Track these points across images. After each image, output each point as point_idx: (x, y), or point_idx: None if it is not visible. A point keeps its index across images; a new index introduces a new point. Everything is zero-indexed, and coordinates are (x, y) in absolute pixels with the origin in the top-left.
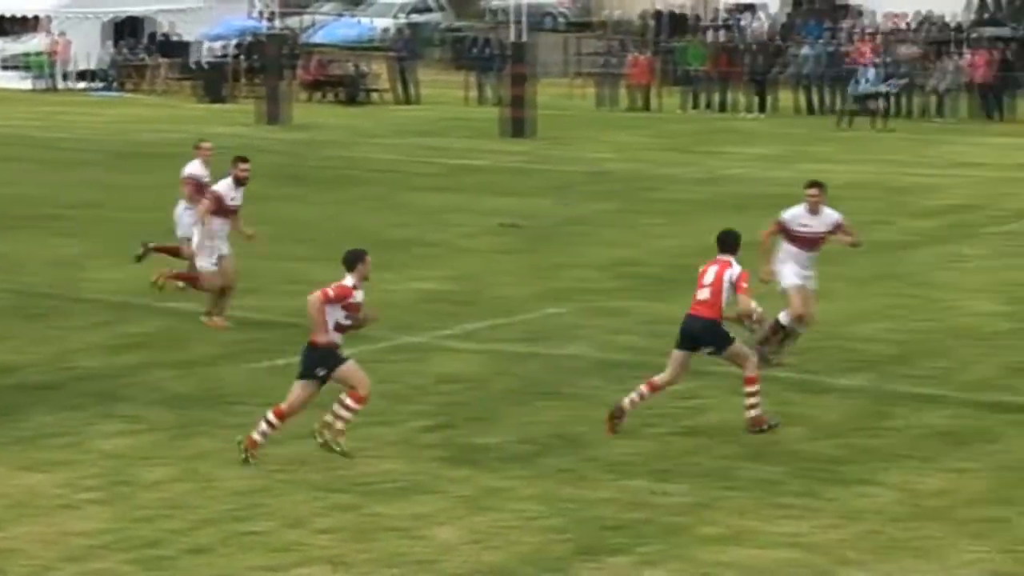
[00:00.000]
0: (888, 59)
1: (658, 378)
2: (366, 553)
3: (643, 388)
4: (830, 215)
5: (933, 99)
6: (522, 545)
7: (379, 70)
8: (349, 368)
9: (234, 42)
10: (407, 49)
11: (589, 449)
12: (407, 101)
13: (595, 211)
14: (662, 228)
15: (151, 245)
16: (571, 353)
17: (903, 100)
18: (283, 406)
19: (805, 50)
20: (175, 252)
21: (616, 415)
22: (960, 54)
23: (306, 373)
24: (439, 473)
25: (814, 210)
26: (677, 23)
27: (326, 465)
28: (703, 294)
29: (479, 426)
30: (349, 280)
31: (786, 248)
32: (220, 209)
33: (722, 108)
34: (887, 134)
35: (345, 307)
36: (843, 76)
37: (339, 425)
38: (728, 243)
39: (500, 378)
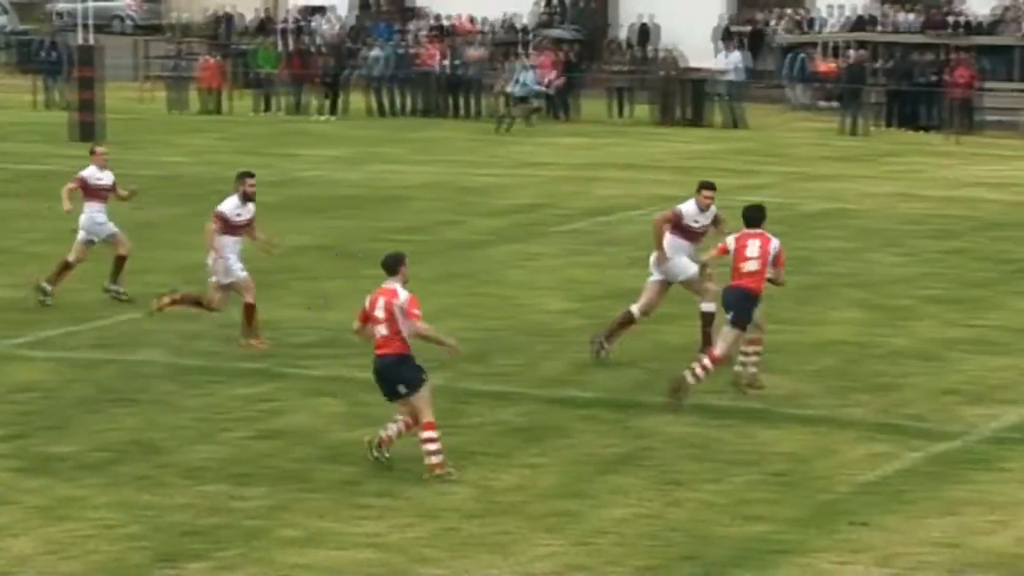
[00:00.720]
0: (456, 61)
1: (718, 351)
2: None
3: (706, 362)
4: (712, 210)
5: (501, 100)
6: (99, 554)
7: None
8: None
9: None
10: None
11: (165, 455)
12: None
13: (167, 215)
14: None
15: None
16: (145, 359)
17: (471, 101)
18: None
19: (375, 52)
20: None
21: (677, 388)
22: (527, 55)
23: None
24: (13, 484)
25: (705, 208)
26: (261, 25)
27: None
28: (751, 265)
29: (53, 435)
30: (402, 285)
31: (674, 242)
32: (228, 228)
33: (295, 111)
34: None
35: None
36: (412, 78)
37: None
38: (760, 217)
39: (74, 386)
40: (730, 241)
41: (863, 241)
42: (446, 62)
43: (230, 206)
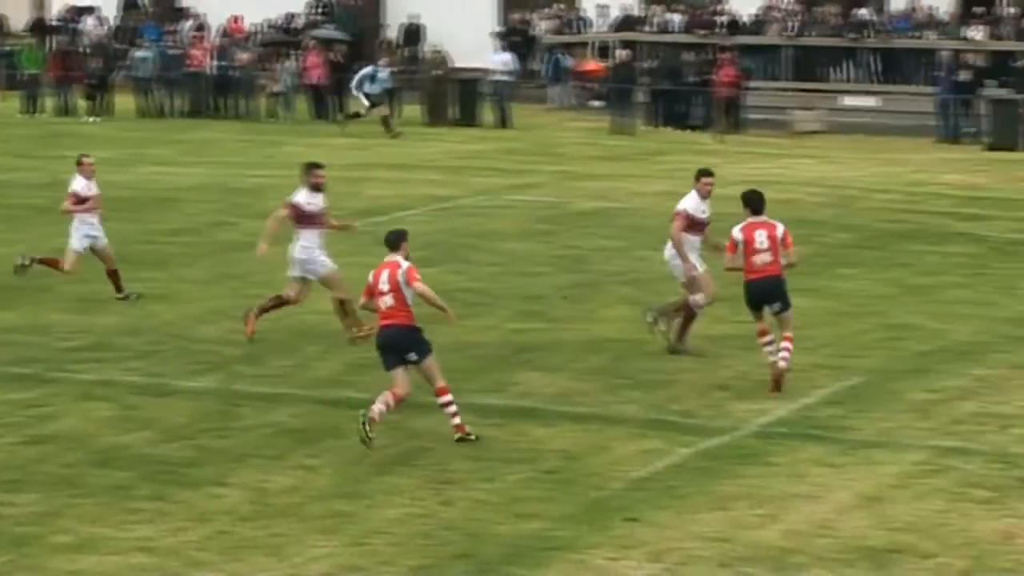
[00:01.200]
0: (224, 62)
1: (790, 332)
2: None
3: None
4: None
5: (272, 100)
6: None
7: None
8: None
9: None
10: None
11: None
12: None
13: None
14: (3, 234)
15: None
16: None
17: (241, 102)
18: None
19: (141, 53)
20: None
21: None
22: (297, 56)
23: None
24: None
25: (707, 196)
26: (36, 26)
27: None
28: (765, 257)
29: None
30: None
31: (688, 239)
32: (303, 218)
33: (63, 112)
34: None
35: None
36: (180, 79)
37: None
38: (763, 203)
39: None
40: (736, 234)
41: (633, 239)
42: (215, 63)
43: (302, 197)
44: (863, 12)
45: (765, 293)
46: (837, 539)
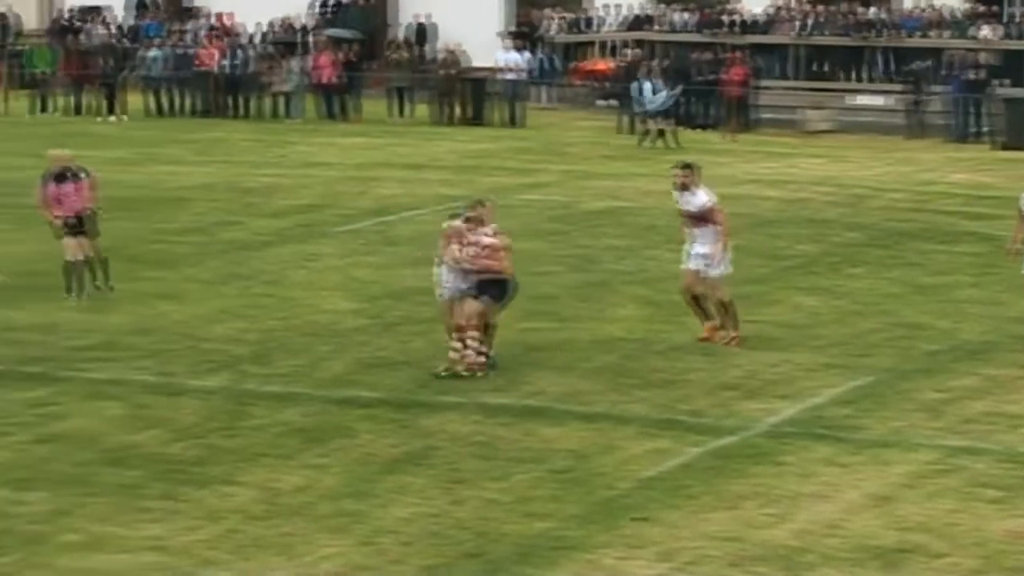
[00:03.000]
0: (236, 61)
1: None
2: None
3: None
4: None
5: (280, 100)
6: None
7: None
8: None
9: None
10: None
11: None
12: None
13: None
14: (11, 234)
15: None
16: None
17: (251, 102)
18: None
19: (153, 52)
20: None
21: None
22: (305, 55)
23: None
24: None
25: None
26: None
27: None
28: None
29: None
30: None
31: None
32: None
33: (75, 111)
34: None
35: None
36: (190, 78)
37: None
38: None
39: None
40: None
41: (643, 238)
42: (225, 62)
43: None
44: (873, 11)
45: None
46: (847, 539)
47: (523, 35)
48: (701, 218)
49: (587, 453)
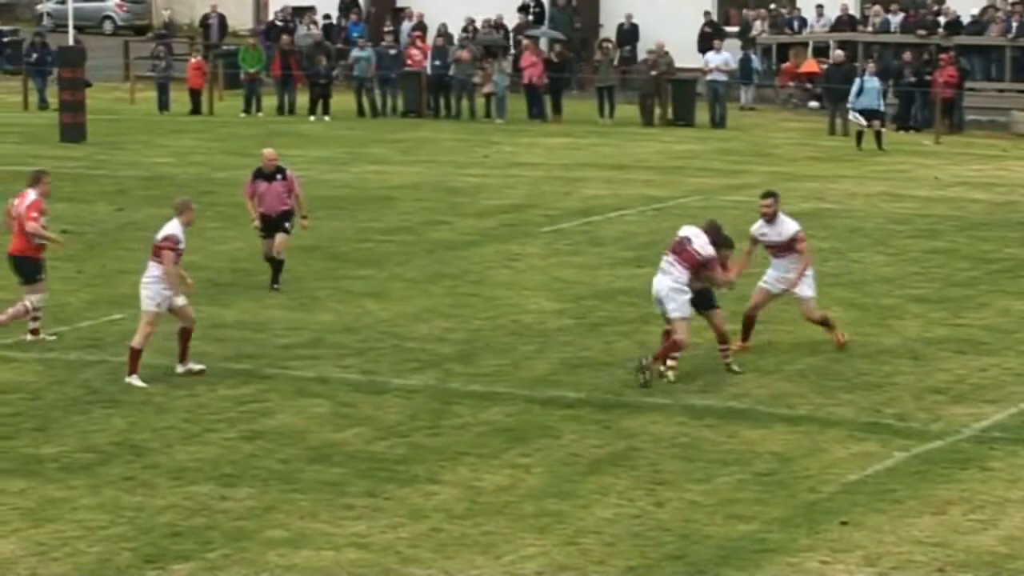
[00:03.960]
0: (439, 62)
1: None
2: None
3: None
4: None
5: (486, 100)
6: (85, 555)
7: None
8: None
9: None
10: None
11: (151, 456)
12: None
13: (153, 216)
14: (221, 232)
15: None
16: None
17: (456, 102)
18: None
19: (359, 52)
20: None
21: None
22: (513, 56)
23: None
24: None
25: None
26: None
27: None
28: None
29: (38, 436)
30: None
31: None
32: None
33: (282, 111)
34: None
35: None
36: (391, 80)
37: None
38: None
39: (59, 387)
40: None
41: (849, 241)
42: (437, 62)
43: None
44: None
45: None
46: None
47: (722, 34)
48: (786, 247)
49: (791, 456)
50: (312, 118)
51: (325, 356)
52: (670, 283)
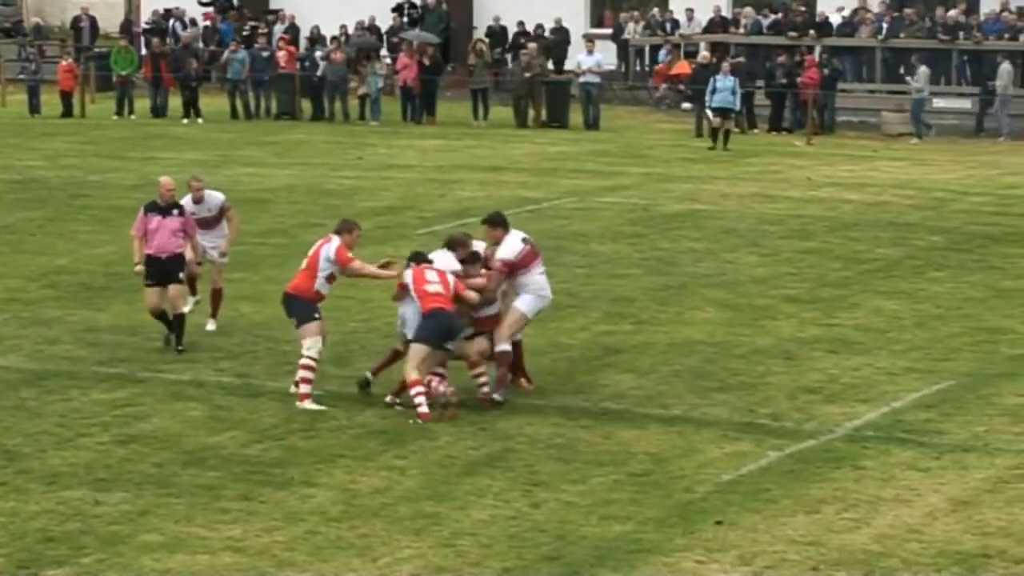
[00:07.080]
0: (311, 64)
1: None
2: None
3: None
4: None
5: (360, 102)
6: None
7: None
8: None
9: None
10: None
11: (24, 461)
12: None
13: (23, 219)
14: (94, 235)
15: None
16: (3, 364)
17: (330, 104)
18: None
19: (235, 55)
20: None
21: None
22: (388, 58)
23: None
24: None
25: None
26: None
27: None
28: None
29: None
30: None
31: None
32: None
33: (155, 113)
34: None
35: None
36: (264, 82)
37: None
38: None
39: None
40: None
41: (722, 241)
42: (307, 64)
43: None
44: (952, 13)
45: None
46: (927, 543)
47: (598, 38)
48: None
49: (666, 456)
50: (185, 120)
51: (200, 359)
52: None
